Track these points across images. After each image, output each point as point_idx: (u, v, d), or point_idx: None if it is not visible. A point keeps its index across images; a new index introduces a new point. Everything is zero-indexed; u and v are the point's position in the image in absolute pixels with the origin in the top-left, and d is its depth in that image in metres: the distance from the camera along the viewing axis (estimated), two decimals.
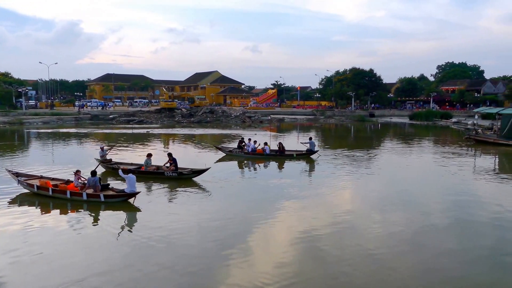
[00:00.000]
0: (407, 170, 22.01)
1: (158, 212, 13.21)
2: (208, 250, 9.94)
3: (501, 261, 9.43)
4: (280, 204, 14.19)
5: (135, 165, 19.21)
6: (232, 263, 9.21)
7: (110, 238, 10.91)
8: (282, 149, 24.89)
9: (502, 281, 8.46)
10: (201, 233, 11.15)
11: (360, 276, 8.60)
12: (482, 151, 29.70)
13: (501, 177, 19.91)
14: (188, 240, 10.65)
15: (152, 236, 10.80)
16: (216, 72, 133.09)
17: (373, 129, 57.38)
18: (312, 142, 25.24)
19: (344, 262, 9.26)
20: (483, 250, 10.09)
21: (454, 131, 50.32)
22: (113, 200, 14.13)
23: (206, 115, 65.01)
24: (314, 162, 23.62)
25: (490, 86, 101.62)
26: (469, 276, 8.62)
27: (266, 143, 24.94)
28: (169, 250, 9.90)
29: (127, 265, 9.05)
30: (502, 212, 13.28)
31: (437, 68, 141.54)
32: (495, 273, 8.82)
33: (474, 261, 9.44)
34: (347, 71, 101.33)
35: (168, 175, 17.79)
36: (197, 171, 17.93)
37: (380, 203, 14.60)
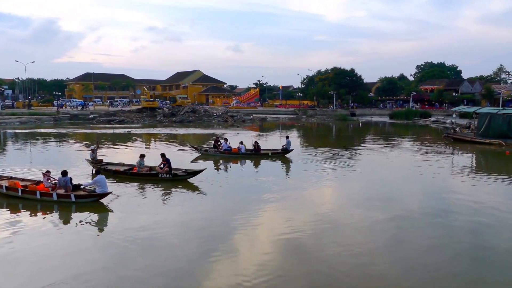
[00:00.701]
0: (387, 168, 22.34)
1: (138, 212, 13.06)
2: (190, 250, 9.89)
3: (479, 256, 9.66)
4: (263, 204, 14.22)
5: (127, 166, 18.93)
6: (215, 263, 9.18)
7: (84, 239, 10.74)
8: (257, 148, 24.99)
9: (481, 276, 8.66)
10: (182, 234, 11.08)
11: (341, 272, 8.68)
12: (460, 149, 30.36)
13: (478, 174, 20.39)
14: (169, 240, 10.57)
15: (130, 237, 10.68)
16: (198, 71, 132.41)
17: (354, 128, 58.01)
18: (288, 141, 25.37)
19: (325, 259, 9.34)
20: (462, 245, 10.31)
21: (433, 130, 51.28)
22: (84, 200, 13.89)
23: (188, 114, 64.55)
24: (290, 161, 23.77)
25: (468, 85, 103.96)
26: (449, 272, 8.78)
27: (242, 142, 25.04)
28: (149, 251, 9.80)
29: (103, 268, 8.91)
30: (480, 209, 13.59)
31: (416, 68, 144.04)
32: (474, 268, 9.04)
33: (453, 256, 9.62)
34: (328, 70, 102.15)
35: (162, 177, 17.41)
36: (191, 172, 17.71)
37: (361, 200, 14.78)
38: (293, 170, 21.45)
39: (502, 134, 31.44)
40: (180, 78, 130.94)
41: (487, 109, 40.19)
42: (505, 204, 14.47)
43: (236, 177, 19.55)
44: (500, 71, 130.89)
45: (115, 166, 19.16)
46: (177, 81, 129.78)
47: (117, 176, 17.91)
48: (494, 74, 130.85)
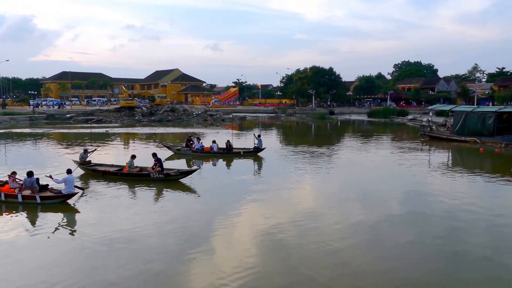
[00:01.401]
0: (366, 166, 22.58)
1: (113, 213, 12.81)
2: (169, 250, 9.75)
3: (455, 251, 9.82)
4: (242, 202, 14.17)
5: (116, 167, 18.54)
6: (194, 262, 9.08)
7: (53, 242, 10.45)
8: (229, 147, 25.00)
9: (456, 270, 8.81)
10: (161, 234, 10.92)
11: (320, 270, 8.70)
12: (436, 147, 30.97)
13: (454, 171, 20.83)
14: (146, 241, 10.39)
15: (104, 238, 10.47)
16: (177, 70, 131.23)
17: (333, 126, 58.56)
18: (260, 139, 25.48)
19: (305, 257, 9.34)
20: (439, 241, 10.46)
21: (410, 128, 52.20)
22: (50, 201, 13.55)
23: (167, 113, 63.92)
24: (262, 159, 23.80)
25: (444, 84, 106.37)
26: (427, 270, 8.91)
27: (214, 141, 25.06)
28: (125, 252, 9.62)
29: (74, 271, 8.67)
30: (456, 205, 13.86)
31: (394, 67, 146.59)
32: (449, 263, 9.18)
33: (430, 252, 9.77)
34: (307, 69, 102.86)
35: (154, 177, 17.07)
36: (184, 171, 17.47)
37: (340, 198, 14.90)
38: (273, 168, 21.44)
39: (476, 131, 32.20)
40: (158, 77, 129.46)
41: (462, 107, 41.07)
42: (480, 200, 14.81)
43: (214, 176, 19.40)
44: (475, 70, 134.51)
45: (104, 167, 18.70)
46: (156, 80, 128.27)
47: (107, 177, 17.51)
48: (469, 73, 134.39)
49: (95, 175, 18.00)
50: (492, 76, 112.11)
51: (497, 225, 11.78)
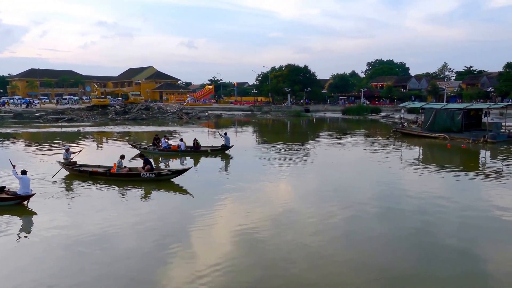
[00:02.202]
0: (341, 162, 22.91)
1: (90, 212, 12.59)
2: (145, 250, 9.66)
3: (427, 243, 10.12)
4: (219, 200, 14.15)
5: (103, 167, 18.13)
6: (170, 260, 9.03)
7: (20, 246, 10.20)
8: (197, 145, 24.93)
9: (428, 261, 9.07)
10: (137, 234, 10.80)
11: (297, 265, 8.81)
12: (408, 143, 31.73)
13: (424, 167, 21.41)
14: (122, 240, 10.27)
15: (80, 238, 10.29)
16: (151, 67, 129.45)
17: (308, 124, 59.09)
18: (227, 137, 25.54)
19: (281, 251, 9.44)
20: (412, 234, 10.76)
21: (383, 125, 53.25)
22: (4, 203, 13.12)
23: (142, 112, 63.03)
24: (230, 157, 23.84)
25: (415, 82, 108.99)
26: (399, 259, 9.16)
27: (182, 140, 25.00)
28: (100, 253, 9.48)
29: (43, 274, 8.52)
30: (427, 198, 14.26)
31: (367, 65, 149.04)
32: (422, 254, 9.45)
33: (403, 245, 10.04)
34: (283, 67, 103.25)
35: (145, 177, 16.71)
36: (176, 171, 17.19)
37: (316, 195, 15.09)
38: (249, 165, 21.49)
39: (446, 128, 33.16)
40: (132, 75, 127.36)
41: (433, 104, 42.20)
42: (450, 194, 15.28)
43: (189, 175, 19.28)
44: (444, 68, 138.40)
45: (90, 167, 18.22)
46: (129, 77, 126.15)
47: (94, 177, 17.10)
48: (439, 71, 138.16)
49: (81, 176, 17.50)
50: (460, 75, 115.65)
51: (465, 217, 12.18)
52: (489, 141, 29.68)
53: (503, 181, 17.79)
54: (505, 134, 32.31)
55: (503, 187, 16.41)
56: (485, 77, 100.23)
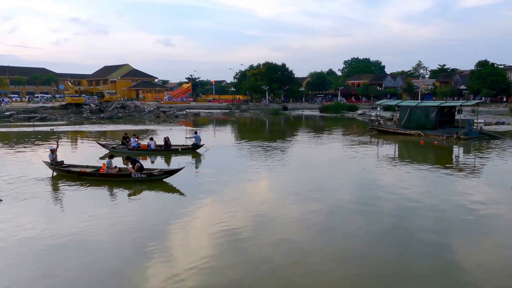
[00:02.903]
0: (319, 159, 23.09)
1: (62, 216, 12.28)
2: (123, 251, 9.50)
3: (402, 239, 10.28)
4: (197, 200, 14.04)
5: (92, 168, 17.67)
6: (148, 263, 8.88)
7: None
8: (167, 144, 24.62)
9: (404, 256, 9.23)
10: (114, 235, 10.58)
11: (278, 262, 8.81)
12: (384, 140, 32.25)
13: (400, 163, 21.79)
14: (101, 241, 10.04)
15: (55, 240, 10.01)
16: (127, 65, 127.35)
17: (286, 122, 59.33)
18: (198, 136, 25.40)
19: (261, 250, 9.42)
20: (389, 230, 10.91)
21: (360, 122, 53.98)
22: None
23: (118, 110, 61.92)
24: (201, 156, 23.70)
25: (390, 80, 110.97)
26: (379, 256, 9.26)
27: (152, 138, 24.69)
28: (75, 255, 9.24)
29: (18, 276, 8.25)
30: (403, 194, 14.49)
31: (344, 63, 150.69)
32: (398, 250, 9.60)
33: (381, 241, 10.16)
34: (261, 65, 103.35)
35: (136, 177, 16.27)
36: (168, 171, 16.81)
37: (295, 192, 15.12)
38: (228, 164, 21.37)
39: (420, 125, 33.85)
40: (107, 73, 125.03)
41: (408, 102, 42.99)
42: (425, 189, 15.58)
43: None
44: (419, 66, 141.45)
45: (78, 167, 17.72)
46: (105, 75, 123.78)
47: (83, 178, 16.61)
48: (414, 69, 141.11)
49: (69, 176, 16.96)
50: (434, 73, 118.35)
51: (440, 211, 12.42)
52: (462, 137, 30.47)
53: (475, 176, 18.27)
54: (477, 131, 33.26)
55: (476, 182, 16.86)
56: (457, 75, 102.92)
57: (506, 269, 8.55)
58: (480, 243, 10.04)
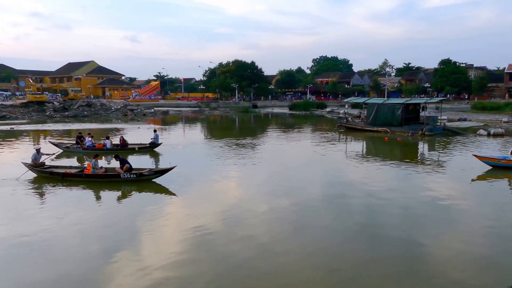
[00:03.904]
0: (289, 156, 23.15)
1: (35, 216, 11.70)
2: (91, 254, 9.13)
3: (371, 234, 10.39)
4: (166, 200, 13.81)
5: (75, 168, 16.88)
6: (119, 266, 8.57)
7: None
8: (123, 142, 24.07)
9: (374, 252, 9.30)
10: (82, 238, 10.16)
11: (250, 260, 8.73)
12: (352, 137, 32.75)
13: (368, 159, 22.14)
14: (69, 243, 9.60)
15: (21, 241, 9.51)
16: (93, 62, 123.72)
17: (257, 120, 59.35)
18: (157, 134, 24.99)
19: (232, 249, 9.28)
20: (357, 226, 10.99)
21: (329, 120, 54.66)
22: None
23: (83, 108, 60.14)
24: (159, 155, 23.29)
25: (358, 78, 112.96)
26: (346, 251, 9.31)
27: (108, 137, 24.08)
28: (47, 257, 8.81)
29: None
30: (371, 191, 14.68)
31: (312, 62, 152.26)
32: (368, 245, 9.68)
33: (349, 236, 10.24)
34: (230, 63, 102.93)
35: (125, 178, 15.66)
36: (159, 171, 16.17)
37: (265, 190, 15.09)
38: (197, 162, 21.08)
39: (387, 122, 34.61)
40: (72, 69, 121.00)
41: (374, 100, 43.85)
42: (392, 184, 15.93)
43: None
44: (385, 65, 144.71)
45: (61, 168, 16.94)
46: (69, 72, 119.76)
47: (68, 180, 15.83)
48: (380, 67, 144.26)
49: (53, 178, 16.14)
50: (400, 71, 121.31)
51: (407, 207, 12.65)
52: (427, 134, 31.36)
53: (439, 171, 18.78)
54: (441, 127, 34.31)
55: (439, 177, 17.33)
56: (422, 73, 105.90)
57: (468, 262, 8.76)
58: (444, 237, 10.24)
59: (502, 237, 10.22)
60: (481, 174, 17.57)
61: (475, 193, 14.95)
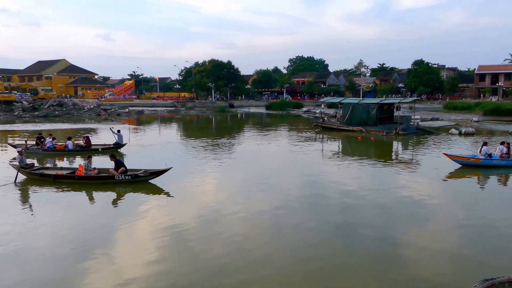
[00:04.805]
0: (265, 156, 23.05)
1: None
2: (63, 257, 8.78)
3: (347, 234, 10.38)
4: (141, 201, 13.48)
5: (66, 170, 16.23)
6: (93, 269, 8.24)
7: None
8: (88, 143, 23.51)
9: (350, 250, 9.27)
10: (53, 240, 9.75)
11: (226, 261, 8.55)
12: (328, 136, 32.97)
13: (344, 158, 22.30)
14: (39, 248, 9.19)
15: None
16: (64, 60, 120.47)
17: (233, 119, 59.12)
18: (120, 135, 24.46)
19: (210, 251, 9.07)
20: (334, 225, 10.98)
21: (305, 119, 54.97)
22: None
23: (54, 108, 58.56)
24: (123, 155, 22.65)
25: (334, 78, 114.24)
26: (323, 250, 9.25)
27: (70, 138, 23.38)
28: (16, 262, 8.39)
29: None
30: (347, 189, 14.73)
31: (289, 61, 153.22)
32: (344, 244, 9.66)
33: (325, 235, 10.20)
34: (206, 62, 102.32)
35: (119, 179, 15.19)
36: (155, 172, 15.62)
37: (243, 190, 14.97)
38: (174, 162, 20.68)
39: (362, 121, 35.03)
40: (42, 68, 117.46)
41: (350, 99, 44.35)
42: (367, 183, 16.02)
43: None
44: (360, 65, 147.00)
45: (52, 170, 16.25)
46: (39, 71, 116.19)
47: (60, 182, 15.20)
48: (355, 67, 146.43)
49: (43, 180, 15.49)
50: (374, 71, 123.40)
51: (382, 207, 12.72)
52: (400, 133, 31.88)
53: (412, 169, 19.04)
54: (414, 127, 34.97)
55: (413, 175, 17.55)
56: (396, 73, 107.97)
57: (441, 258, 8.84)
58: (418, 235, 10.33)
59: (473, 233, 10.39)
60: (452, 172, 17.92)
61: (446, 191, 15.22)
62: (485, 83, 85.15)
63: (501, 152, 18.57)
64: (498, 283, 5.99)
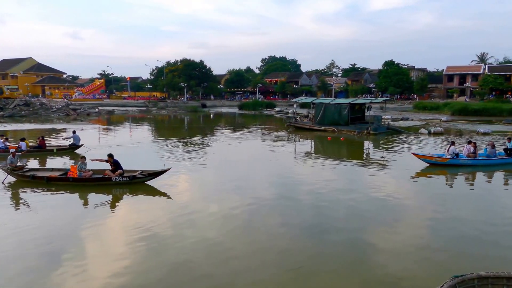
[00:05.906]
0: (238, 156, 22.97)
1: None
2: (29, 260, 8.43)
3: (321, 232, 10.45)
4: (112, 202, 13.18)
5: (58, 171, 15.66)
6: (63, 273, 7.97)
7: None
8: (43, 143, 22.81)
9: (322, 249, 9.34)
10: (19, 243, 9.37)
11: (200, 261, 8.49)
12: (300, 136, 33.21)
13: (316, 158, 22.52)
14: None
15: None
16: (31, 59, 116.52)
17: (206, 119, 58.74)
18: (76, 136, 23.84)
19: (185, 253, 8.96)
20: (306, 224, 11.05)
21: (278, 119, 55.19)
22: None
23: (20, 108, 56.59)
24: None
25: (306, 78, 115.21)
26: (295, 248, 9.27)
27: (24, 139, 22.29)
28: None
29: None
30: (319, 189, 14.85)
31: (261, 61, 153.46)
32: (316, 243, 9.71)
33: (298, 235, 10.24)
34: (178, 62, 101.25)
35: (116, 181, 14.73)
36: (153, 173, 15.17)
37: (214, 189, 14.89)
38: (144, 164, 20.33)
39: (334, 121, 35.47)
40: (7, 66, 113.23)
41: (322, 99, 44.82)
42: (339, 183, 16.23)
43: None
44: (332, 65, 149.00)
45: (43, 171, 15.60)
46: (4, 69, 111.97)
47: (53, 184, 14.63)
48: (327, 68, 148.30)
49: (35, 182, 14.86)
50: (346, 71, 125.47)
51: (353, 204, 12.90)
52: (372, 132, 32.46)
53: (382, 168, 19.43)
54: (385, 126, 35.72)
55: (384, 175, 17.91)
56: (367, 74, 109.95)
57: (412, 256, 9.04)
58: (388, 234, 10.51)
59: (442, 232, 10.66)
60: (420, 172, 18.30)
61: (415, 190, 15.59)
62: (453, 83, 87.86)
63: (468, 152, 19.19)
64: (467, 279, 6.16)
